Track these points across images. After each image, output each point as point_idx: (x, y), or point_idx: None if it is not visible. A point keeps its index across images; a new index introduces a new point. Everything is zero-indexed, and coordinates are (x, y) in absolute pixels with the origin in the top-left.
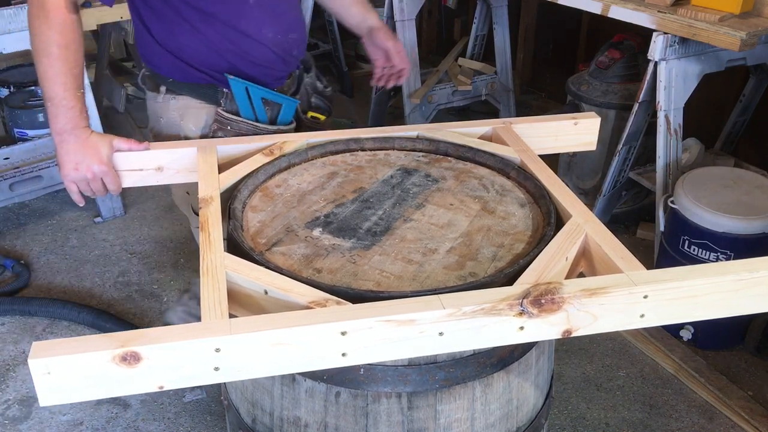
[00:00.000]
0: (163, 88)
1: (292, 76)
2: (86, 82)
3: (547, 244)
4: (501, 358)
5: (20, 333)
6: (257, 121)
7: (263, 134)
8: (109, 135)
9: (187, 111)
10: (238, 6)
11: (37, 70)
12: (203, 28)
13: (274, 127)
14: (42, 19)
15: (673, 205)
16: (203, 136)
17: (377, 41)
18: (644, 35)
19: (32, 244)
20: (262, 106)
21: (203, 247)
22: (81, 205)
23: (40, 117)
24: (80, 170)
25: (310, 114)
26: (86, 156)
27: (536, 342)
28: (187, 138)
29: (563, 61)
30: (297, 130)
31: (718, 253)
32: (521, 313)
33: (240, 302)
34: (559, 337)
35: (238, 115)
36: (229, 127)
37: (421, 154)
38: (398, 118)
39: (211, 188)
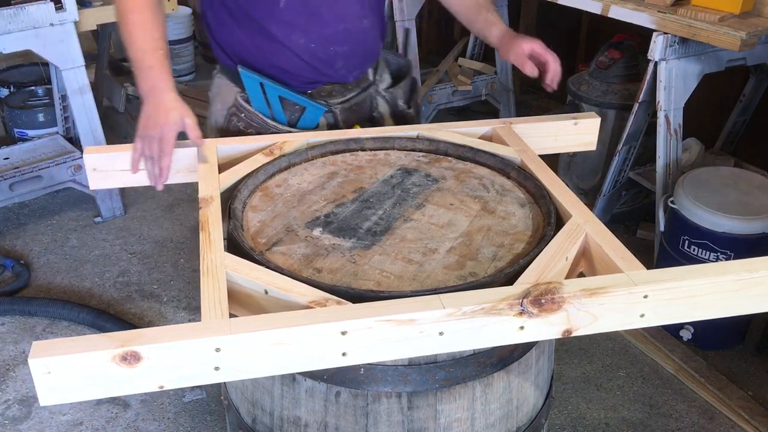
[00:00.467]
0: (215, 70)
1: (347, 85)
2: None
3: (547, 244)
4: (501, 358)
5: (20, 333)
6: (273, 119)
7: (273, 133)
8: (186, 109)
9: (220, 90)
10: (270, 7)
11: (121, 37)
12: (237, 23)
13: (286, 129)
14: None
15: (673, 205)
16: (226, 116)
17: (516, 48)
18: (644, 35)
19: (32, 244)
20: (279, 104)
21: (203, 247)
22: (133, 172)
23: (40, 117)
24: (147, 127)
25: (356, 126)
26: (158, 115)
27: (536, 342)
28: (213, 116)
29: (563, 61)
30: None
31: (718, 253)
32: (521, 313)
33: (240, 302)
34: (559, 336)
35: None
36: (243, 115)
37: (421, 154)
38: None
39: (211, 188)
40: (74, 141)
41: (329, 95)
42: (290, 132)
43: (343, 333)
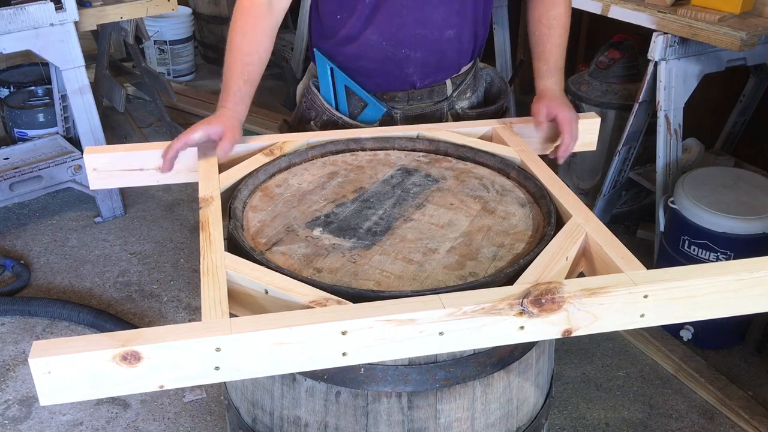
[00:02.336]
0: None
1: (415, 93)
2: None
3: (547, 244)
4: (501, 358)
5: (20, 333)
6: (336, 108)
7: (332, 120)
8: (233, 131)
9: (307, 71)
10: (351, 1)
11: None
12: (319, 11)
13: (346, 119)
14: (237, 5)
15: (673, 205)
16: (300, 95)
17: (546, 106)
18: (644, 35)
19: (32, 244)
20: (344, 95)
21: (203, 247)
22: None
23: (40, 117)
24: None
25: None
26: (200, 123)
27: (536, 342)
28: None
29: None
30: None
31: (718, 253)
32: (521, 313)
33: (240, 302)
34: (559, 336)
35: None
36: (309, 96)
37: (421, 154)
38: None
39: (211, 188)
40: (74, 141)
41: (392, 99)
42: (347, 123)
43: (344, 333)
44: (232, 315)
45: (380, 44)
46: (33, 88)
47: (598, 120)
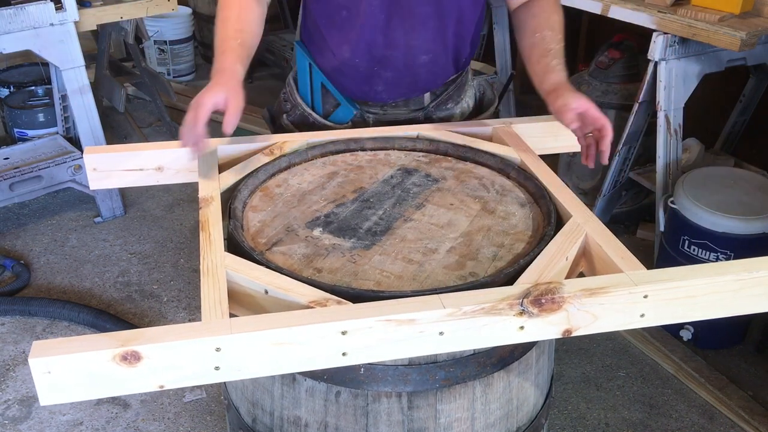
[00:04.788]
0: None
1: (398, 101)
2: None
3: (547, 244)
4: (501, 358)
5: (20, 333)
6: (312, 107)
7: (307, 120)
8: (236, 92)
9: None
10: (330, 15)
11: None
12: (307, 17)
13: (318, 118)
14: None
15: (673, 205)
16: (282, 92)
17: (569, 101)
18: (644, 35)
19: (32, 244)
20: (320, 92)
21: (203, 247)
22: (182, 145)
23: (40, 117)
24: (195, 98)
25: None
26: (206, 89)
27: (536, 342)
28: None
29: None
30: None
31: (718, 253)
32: (521, 313)
33: (240, 302)
34: (559, 336)
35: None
36: (288, 89)
37: (421, 154)
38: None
39: (211, 188)
40: (74, 141)
41: (366, 104)
42: (317, 122)
43: (344, 333)
44: (232, 315)
45: (353, 61)
46: (33, 88)
47: None
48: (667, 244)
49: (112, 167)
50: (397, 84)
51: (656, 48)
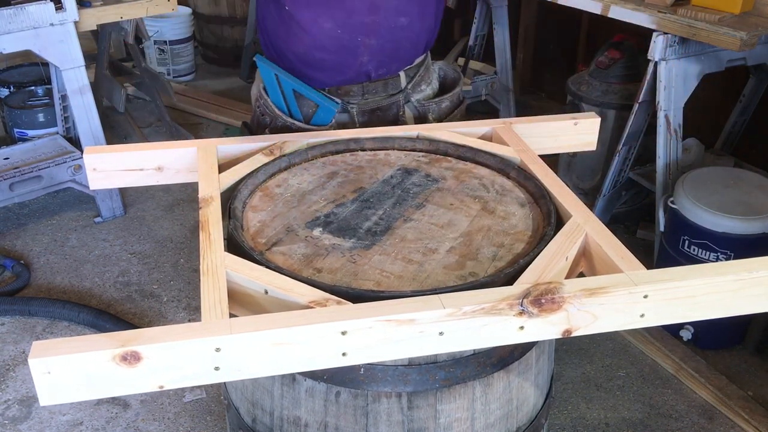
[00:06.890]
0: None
1: (369, 86)
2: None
3: (547, 244)
4: (501, 358)
5: (20, 333)
6: (289, 114)
7: (286, 127)
8: None
9: (255, 79)
10: None
11: None
12: (270, 9)
13: (299, 125)
14: None
15: (673, 205)
16: (254, 106)
17: None
18: (644, 35)
19: (32, 244)
20: (294, 99)
21: (203, 247)
22: None
23: (40, 117)
24: None
25: None
26: None
27: (536, 342)
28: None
29: (563, 61)
30: None
31: (718, 253)
32: (521, 313)
33: (240, 302)
34: (559, 336)
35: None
36: (262, 101)
37: (421, 154)
38: None
39: (211, 188)
40: (74, 141)
41: (347, 94)
42: (301, 129)
43: (343, 333)
44: (232, 315)
45: (335, 32)
46: (33, 88)
47: (598, 120)
48: (667, 244)
49: (112, 167)
50: (380, 50)
51: (656, 48)
